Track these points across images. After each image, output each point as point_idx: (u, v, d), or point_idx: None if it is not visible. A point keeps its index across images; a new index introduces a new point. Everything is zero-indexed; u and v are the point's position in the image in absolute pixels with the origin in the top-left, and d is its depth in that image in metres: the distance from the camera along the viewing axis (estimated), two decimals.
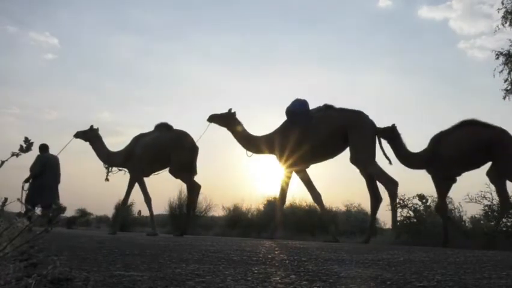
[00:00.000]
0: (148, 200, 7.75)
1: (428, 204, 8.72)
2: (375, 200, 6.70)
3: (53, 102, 34.64)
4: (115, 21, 35.26)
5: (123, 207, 8.13)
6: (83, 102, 34.47)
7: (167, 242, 4.98)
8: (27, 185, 7.89)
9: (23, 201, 7.20)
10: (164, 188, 8.30)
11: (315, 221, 10.89)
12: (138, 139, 7.80)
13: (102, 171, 8.11)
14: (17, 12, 33.73)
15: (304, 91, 34.14)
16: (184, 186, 13.19)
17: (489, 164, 6.24)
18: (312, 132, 6.52)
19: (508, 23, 10.09)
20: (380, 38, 33.58)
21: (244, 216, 12.65)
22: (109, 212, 16.09)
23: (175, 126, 7.85)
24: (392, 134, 6.78)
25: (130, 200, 14.75)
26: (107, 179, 7.87)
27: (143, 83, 36.76)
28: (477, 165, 6.35)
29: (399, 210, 8.71)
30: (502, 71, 10.13)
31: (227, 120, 7.12)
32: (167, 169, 7.72)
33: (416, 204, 8.74)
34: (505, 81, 10.16)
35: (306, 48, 34.41)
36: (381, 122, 6.88)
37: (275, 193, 10.99)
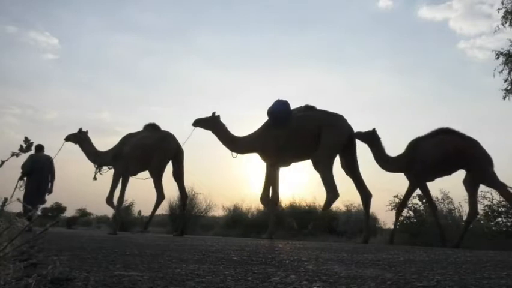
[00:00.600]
0: (121, 201, 8.05)
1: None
2: (366, 196, 6.90)
3: (53, 102, 34.70)
4: (115, 21, 35.31)
5: (119, 206, 8.20)
6: (83, 102, 34.53)
7: (167, 242, 4.98)
8: (21, 185, 8.09)
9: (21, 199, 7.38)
10: (164, 188, 8.35)
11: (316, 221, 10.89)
12: (126, 139, 8.04)
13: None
14: (17, 12, 33.77)
15: (304, 91, 34.15)
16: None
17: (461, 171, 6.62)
18: (293, 132, 6.71)
19: (508, 23, 10.07)
20: (380, 38, 33.62)
21: (244, 216, 12.65)
22: (109, 212, 16.08)
23: (175, 127, 8.03)
24: (372, 138, 7.08)
25: (130, 200, 14.66)
26: (95, 178, 8.05)
27: (143, 83, 36.80)
28: (449, 172, 6.74)
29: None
30: (502, 71, 10.11)
31: (211, 123, 7.40)
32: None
33: (416, 204, 8.75)
34: (505, 81, 10.15)
35: (306, 48, 34.45)
36: (381, 122, 6.93)
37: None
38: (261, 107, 33.35)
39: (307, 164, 7.91)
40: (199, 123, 7.45)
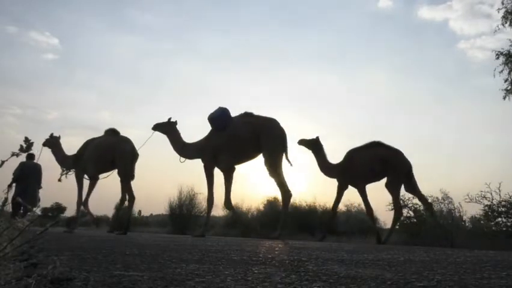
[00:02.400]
0: (79, 201, 8.39)
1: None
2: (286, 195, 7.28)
3: (53, 102, 34.72)
4: (115, 21, 35.34)
5: (80, 206, 8.50)
6: (83, 102, 34.55)
7: (167, 242, 4.98)
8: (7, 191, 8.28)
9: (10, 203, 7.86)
10: (164, 188, 8.49)
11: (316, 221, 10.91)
12: (87, 143, 8.46)
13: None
14: (17, 12, 33.80)
15: (304, 91, 34.16)
16: (184, 186, 13.22)
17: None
18: (232, 137, 7.19)
19: (508, 23, 10.07)
20: (380, 38, 33.64)
21: (244, 216, 12.66)
22: (109, 212, 16.10)
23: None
24: (315, 146, 7.87)
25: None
26: (59, 180, 8.38)
27: (143, 83, 36.83)
28: (378, 179, 7.73)
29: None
30: (502, 71, 10.11)
31: (167, 128, 7.82)
32: (114, 171, 8.26)
33: (416, 204, 8.75)
34: (505, 81, 10.14)
35: (306, 48, 34.46)
36: (381, 122, 6.98)
37: (275, 194, 11.05)
38: (261, 107, 33.35)
39: (308, 164, 7.98)
40: (157, 127, 7.85)
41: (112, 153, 8.00)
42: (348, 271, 2.16)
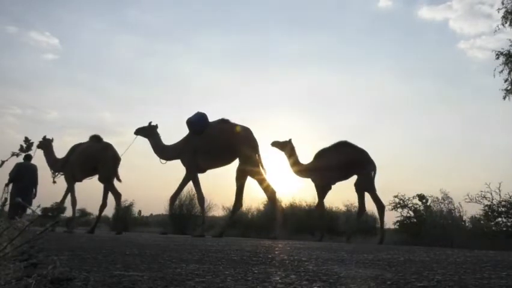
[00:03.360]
0: (73, 202, 8.65)
1: (428, 204, 8.72)
2: (271, 194, 7.82)
3: (53, 102, 34.70)
4: (116, 21, 35.31)
5: (75, 207, 8.67)
6: (83, 102, 34.54)
7: (167, 242, 4.98)
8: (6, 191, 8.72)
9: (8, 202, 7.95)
10: (164, 188, 8.58)
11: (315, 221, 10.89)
12: (73, 148, 8.79)
13: None
14: (17, 12, 33.77)
15: (304, 91, 34.17)
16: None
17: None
18: (209, 141, 7.59)
19: (508, 23, 10.06)
20: (380, 39, 33.61)
21: (244, 216, 12.65)
22: (109, 212, 16.11)
23: (175, 126, 8.45)
24: (287, 147, 8.24)
25: (129, 201, 15.10)
26: (54, 182, 8.68)
27: (144, 83, 36.81)
28: (346, 177, 8.05)
29: (399, 210, 8.79)
30: (502, 71, 10.10)
31: (148, 132, 8.28)
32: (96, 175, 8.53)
33: (416, 204, 8.75)
34: (505, 81, 10.14)
35: (306, 48, 34.45)
36: (381, 122, 7.00)
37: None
38: (261, 107, 33.35)
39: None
40: (138, 132, 8.33)
41: (94, 159, 8.33)
42: (348, 271, 2.16)
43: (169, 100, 35.79)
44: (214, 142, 7.54)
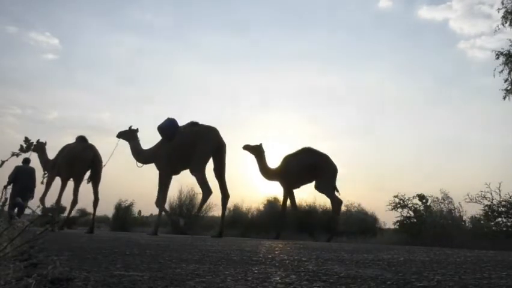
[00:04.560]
0: (58, 200, 8.92)
1: (428, 204, 8.72)
2: (224, 196, 8.09)
3: (53, 103, 34.69)
4: (115, 21, 35.30)
5: (57, 205, 8.99)
6: (83, 102, 34.52)
7: (167, 242, 4.98)
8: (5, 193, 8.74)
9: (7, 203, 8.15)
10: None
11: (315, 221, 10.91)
12: (61, 150, 9.12)
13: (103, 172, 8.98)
14: (17, 13, 33.77)
15: (304, 91, 34.16)
16: (184, 186, 13.23)
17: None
18: (178, 145, 7.92)
19: (508, 23, 10.04)
20: (380, 39, 33.60)
21: (244, 216, 12.64)
22: (109, 212, 16.10)
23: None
24: (258, 151, 8.77)
25: (129, 201, 15.23)
26: (42, 182, 8.98)
27: (144, 83, 36.79)
28: (310, 181, 8.59)
29: (399, 210, 8.81)
30: (502, 71, 10.07)
31: (128, 135, 8.69)
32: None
33: (416, 204, 8.75)
34: (505, 81, 10.12)
35: (306, 48, 34.43)
36: (381, 122, 7.00)
37: (275, 193, 11.07)
38: (260, 108, 33.34)
39: None
40: (120, 135, 8.75)
41: (76, 160, 8.66)
42: (348, 271, 2.16)
43: (168, 100, 35.77)
44: (184, 145, 7.87)
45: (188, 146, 7.83)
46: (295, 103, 34.71)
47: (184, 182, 13.77)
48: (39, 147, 9.26)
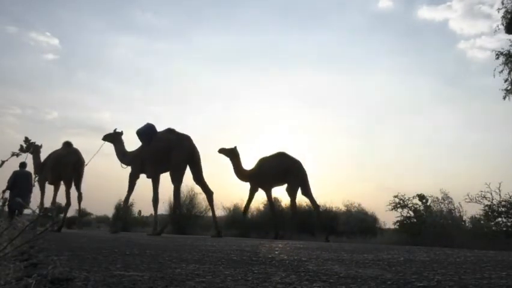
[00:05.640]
0: (42, 203, 9.23)
1: (428, 204, 8.72)
2: (208, 195, 8.60)
3: (54, 103, 34.71)
4: (116, 21, 35.34)
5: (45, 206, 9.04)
6: (84, 102, 34.55)
7: (167, 242, 4.98)
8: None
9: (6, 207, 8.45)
10: (164, 188, 8.79)
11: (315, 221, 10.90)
12: (50, 155, 9.55)
13: (101, 172, 9.34)
14: (18, 13, 33.79)
15: (304, 91, 34.16)
16: (184, 186, 13.33)
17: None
18: (154, 150, 8.40)
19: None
20: (380, 39, 33.61)
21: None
22: (109, 212, 16.11)
23: (175, 126, 8.88)
24: (232, 154, 9.24)
25: (129, 201, 15.73)
26: (33, 185, 9.48)
27: (144, 83, 36.83)
28: (283, 183, 9.11)
29: (399, 210, 8.81)
30: (502, 71, 10.07)
31: (113, 138, 9.19)
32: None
33: (416, 204, 8.75)
34: (505, 81, 10.11)
35: (306, 48, 34.45)
36: (380, 122, 6.98)
37: (275, 194, 11.10)
38: (260, 108, 33.32)
39: (308, 164, 8.08)
40: (105, 138, 9.23)
41: (60, 164, 9.10)
42: (348, 271, 2.16)
43: (169, 100, 35.81)
44: (159, 152, 8.32)
45: (163, 153, 8.29)
46: (295, 103, 34.74)
47: (184, 182, 13.77)
48: (35, 150, 9.59)
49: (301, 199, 12.33)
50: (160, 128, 8.78)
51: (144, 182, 8.96)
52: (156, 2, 34.93)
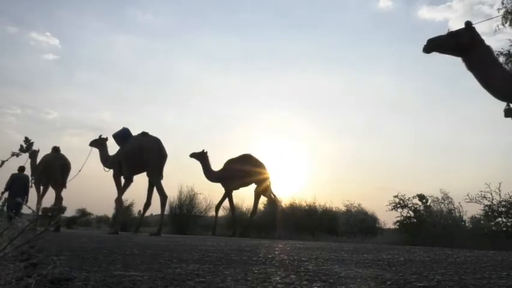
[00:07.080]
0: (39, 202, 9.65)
1: (428, 204, 8.72)
2: (162, 198, 8.99)
3: (54, 103, 34.68)
4: (116, 21, 35.32)
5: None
6: (84, 102, 34.52)
7: (167, 242, 4.98)
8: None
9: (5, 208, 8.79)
10: (167, 189, 8.96)
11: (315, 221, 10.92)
12: (41, 160, 10.00)
13: (101, 172, 9.80)
14: (18, 13, 33.77)
15: (304, 91, 34.15)
16: (184, 186, 13.33)
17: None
18: (128, 153, 9.02)
19: (508, 23, 10.05)
20: (380, 39, 33.61)
21: (244, 216, 12.64)
22: (109, 212, 16.10)
23: (175, 126, 9.34)
24: (202, 157, 10.23)
25: (129, 201, 15.78)
26: (30, 186, 9.82)
27: (144, 83, 36.80)
28: (247, 185, 10.13)
29: (399, 210, 8.82)
30: None
31: (98, 143, 9.94)
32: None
33: (416, 204, 8.74)
34: None
35: (306, 48, 34.44)
36: (380, 122, 6.98)
37: (276, 194, 11.09)
38: (260, 108, 33.31)
39: (308, 164, 8.04)
40: (92, 144, 10.00)
41: (48, 168, 9.59)
42: (348, 271, 2.16)
43: (169, 100, 35.79)
44: (131, 154, 8.92)
45: (135, 154, 8.90)
46: (295, 103, 34.72)
47: (184, 182, 13.79)
48: (32, 154, 10.09)
49: (301, 199, 12.40)
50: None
51: (145, 182, 9.13)
52: (156, 2, 34.96)
